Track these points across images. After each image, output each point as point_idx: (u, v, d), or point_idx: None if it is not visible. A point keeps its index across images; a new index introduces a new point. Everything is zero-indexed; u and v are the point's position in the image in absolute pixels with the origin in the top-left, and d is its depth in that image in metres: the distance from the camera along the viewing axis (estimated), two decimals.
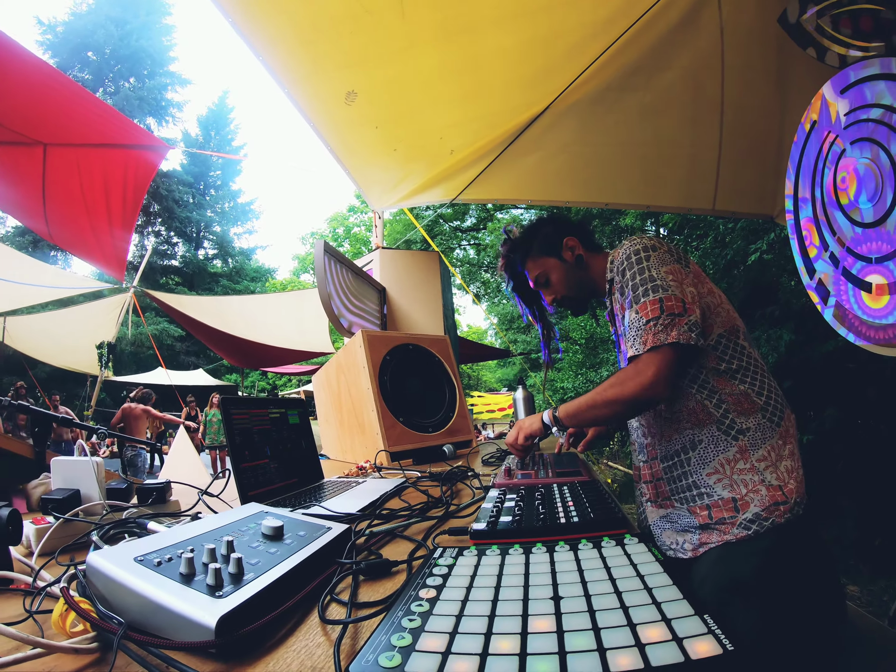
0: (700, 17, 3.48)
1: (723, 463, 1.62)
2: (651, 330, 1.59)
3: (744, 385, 1.65)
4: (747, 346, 1.72)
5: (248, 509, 1.11)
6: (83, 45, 33.74)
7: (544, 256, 2.13)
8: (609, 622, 0.61)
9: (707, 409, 1.67)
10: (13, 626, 0.66)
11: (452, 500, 1.55)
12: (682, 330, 1.57)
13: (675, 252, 1.75)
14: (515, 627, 0.62)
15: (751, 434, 1.61)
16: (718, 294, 1.77)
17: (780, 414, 1.64)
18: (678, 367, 1.62)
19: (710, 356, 1.68)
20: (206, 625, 0.63)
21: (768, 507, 1.53)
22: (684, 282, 1.66)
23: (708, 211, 4.79)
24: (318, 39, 3.09)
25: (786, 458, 1.59)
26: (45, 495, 1.23)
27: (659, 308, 1.60)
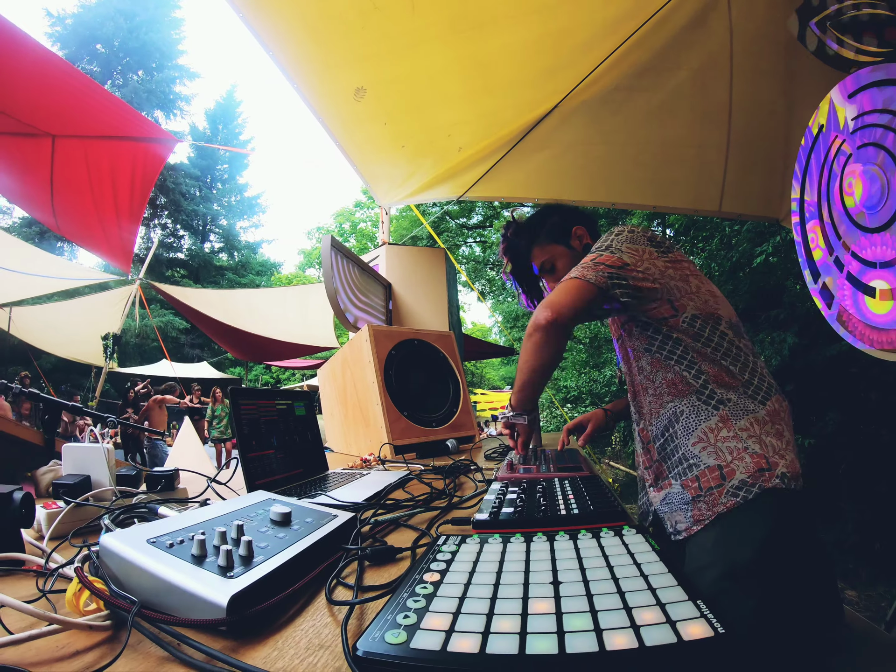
0: (709, 19, 3.49)
1: (706, 431, 1.64)
2: (573, 272, 1.69)
3: (725, 361, 1.67)
4: (730, 334, 1.72)
5: (256, 496, 1.13)
6: (92, 38, 33.79)
7: (552, 244, 2.18)
8: (606, 605, 0.63)
9: (686, 379, 1.70)
10: (30, 604, 0.68)
11: (455, 493, 1.57)
12: (599, 274, 1.64)
13: (656, 240, 1.80)
14: (516, 609, 0.64)
15: (731, 405, 1.63)
16: (697, 285, 1.77)
17: (764, 395, 1.65)
18: (584, 298, 1.64)
19: (687, 332, 1.70)
20: (218, 603, 0.65)
21: (753, 474, 1.53)
22: (646, 259, 1.71)
23: (714, 213, 4.79)
24: (328, 35, 3.11)
25: (771, 436, 1.59)
26: (56, 480, 1.25)
27: (593, 258, 1.70)
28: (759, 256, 7.20)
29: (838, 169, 2.82)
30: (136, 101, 33.89)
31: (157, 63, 36.54)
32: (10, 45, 4.17)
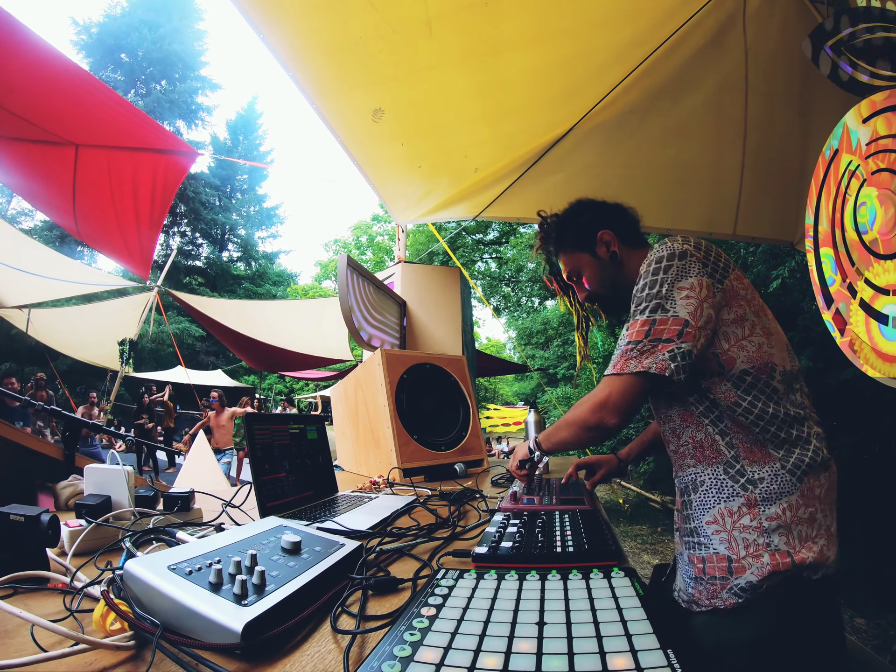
0: (725, 41, 3.50)
1: (724, 513, 1.45)
2: (626, 354, 1.47)
3: (765, 435, 1.44)
4: (782, 389, 1.48)
5: (268, 523, 1.18)
6: (116, 47, 34.23)
7: (577, 252, 1.96)
8: (583, 648, 0.68)
9: (717, 445, 1.49)
10: (57, 623, 0.75)
11: (459, 521, 1.61)
12: (659, 358, 1.41)
13: (710, 263, 1.52)
14: (501, 647, 0.69)
15: (764, 486, 1.41)
16: (752, 323, 1.52)
17: (807, 469, 1.42)
18: (638, 396, 1.47)
19: (731, 393, 1.47)
20: (233, 629, 0.72)
21: (765, 578, 1.36)
22: (704, 301, 1.45)
23: (728, 236, 4.79)
24: (347, 57, 3.15)
25: (803, 523, 1.38)
26: (78, 501, 1.31)
27: (646, 332, 1.45)
28: (774, 281, 7.17)
29: (852, 194, 2.82)
30: (159, 110, 34.28)
31: (180, 73, 36.95)
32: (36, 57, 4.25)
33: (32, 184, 6.15)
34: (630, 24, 3.27)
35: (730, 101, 3.85)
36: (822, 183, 3.10)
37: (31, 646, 0.74)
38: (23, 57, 4.20)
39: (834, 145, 2.97)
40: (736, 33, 3.46)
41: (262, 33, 2.92)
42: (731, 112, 3.91)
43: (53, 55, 4.30)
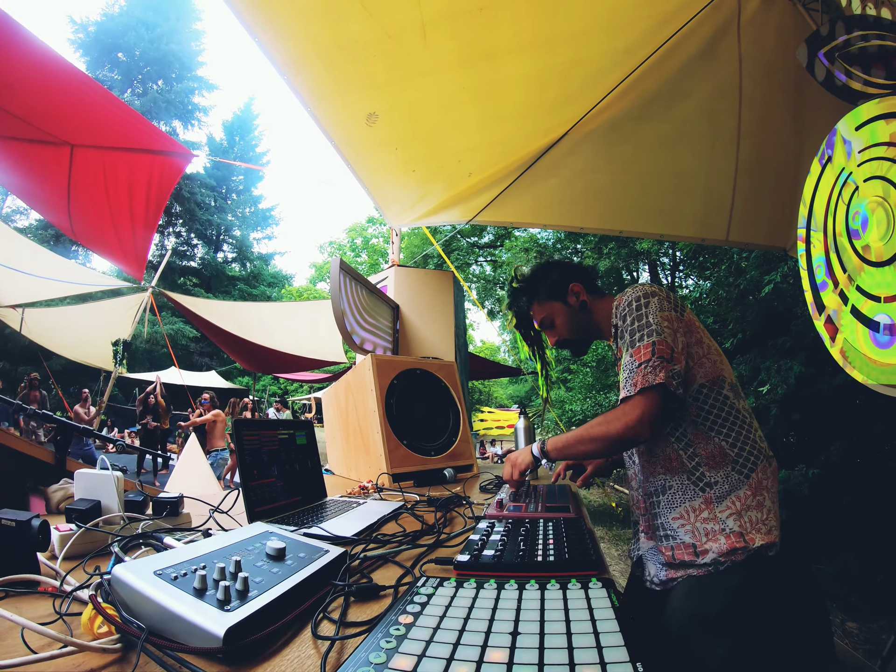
0: (719, 48, 3.53)
1: (688, 510, 1.73)
2: (641, 372, 1.67)
3: (719, 437, 1.73)
4: (731, 395, 1.78)
5: (254, 528, 1.21)
6: (114, 46, 34.15)
7: (550, 301, 2.21)
8: (554, 660, 0.70)
9: (681, 458, 1.76)
10: (47, 626, 0.78)
11: (445, 528, 1.63)
12: (668, 374, 1.64)
13: (672, 300, 1.84)
14: (473, 656, 0.71)
15: (717, 486, 1.70)
16: (707, 344, 1.84)
17: (751, 465, 1.70)
18: (661, 408, 1.66)
19: (692, 407, 1.76)
20: (215, 634, 0.74)
21: (726, 553, 1.61)
22: (678, 330, 1.76)
23: (721, 242, 4.82)
24: (342, 62, 3.16)
25: (753, 509, 1.66)
26: (69, 505, 1.33)
27: (651, 351, 1.69)
28: (767, 286, 7.19)
29: (845, 201, 2.83)
30: (155, 110, 34.21)
31: (176, 73, 36.86)
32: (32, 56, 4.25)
33: (27, 183, 6.14)
34: (625, 31, 3.29)
35: (723, 108, 3.88)
36: (815, 190, 3.11)
37: (22, 647, 0.76)
38: (19, 56, 4.20)
39: (827, 152, 2.98)
40: (730, 41, 3.48)
41: (257, 37, 2.93)
42: (725, 119, 3.94)
43: (50, 55, 4.30)
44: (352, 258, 35.23)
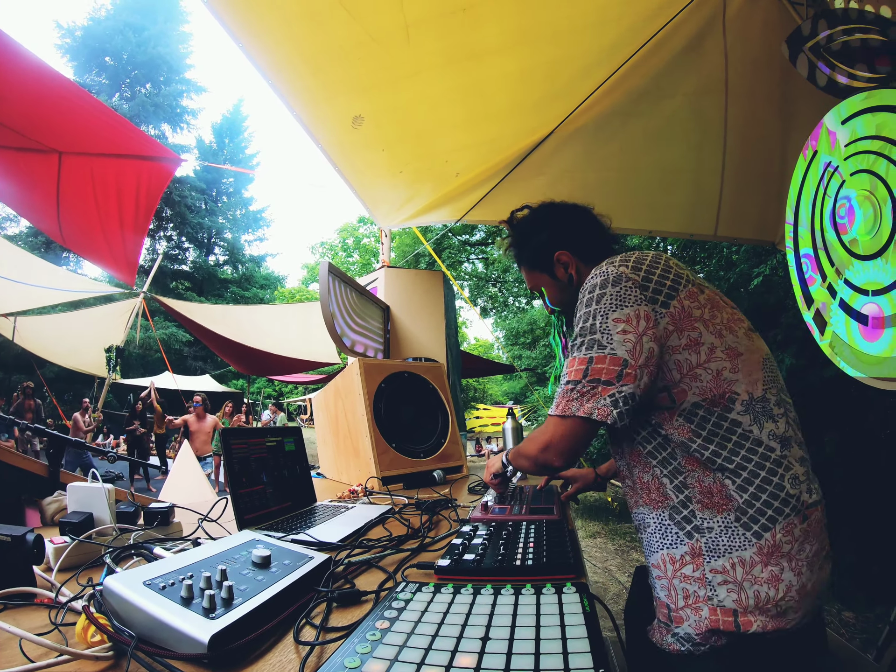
0: (705, 44, 3.53)
1: (665, 560, 1.37)
2: (567, 395, 1.36)
3: (722, 473, 1.31)
4: (746, 420, 1.32)
5: (241, 537, 1.24)
6: (101, 50, 34.05)
7: (536, 271, 1.91)
8: (520, 665, 0.73)
9: (663, 489, 1.39)
10: (43, 636, 0.82)
11: (430, 531, 1.67)
12: (600, 403, 1.30)
13: (651, 285, 1.40)
14: (443, 661, 0.74)
15: (712, 536, 1.29)
16: (710, 346, 1.36)
17: (765, 521, 1.26)
18: (582, 440, 1.37)
19: (684, 428, 1.35)
20: (200, 640, 0.78)
21: (703, 634, 1.26)
22: (644, 334, 1.33)
23: (710, 237, 4.82)
24: (326, 65, 3.15)
25: (761, 583, 1.24)
26: (62, 519, 1.37)
27: (583, 371, 1.34)
28: (756, 278, 7.21)
29: (831, 195, 2.84)
30: (144, 114, 34.13)
31: (164, 77, 36.78)
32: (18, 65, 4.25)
33: (17, 191, 6.13)
34: (610, 29, 3.30)
35: (710, 104, 3.89)
36: (802, 184, 3.12)
37: (20, 657, 0.80)
38: (5, 66, 4.19)
39: (813, 146, 2.98)
40: (716, 36, 3.49)
41: (241, 43, 2.92)
42: (712, 114, 3.94)
43: (36, 64, 4.30)
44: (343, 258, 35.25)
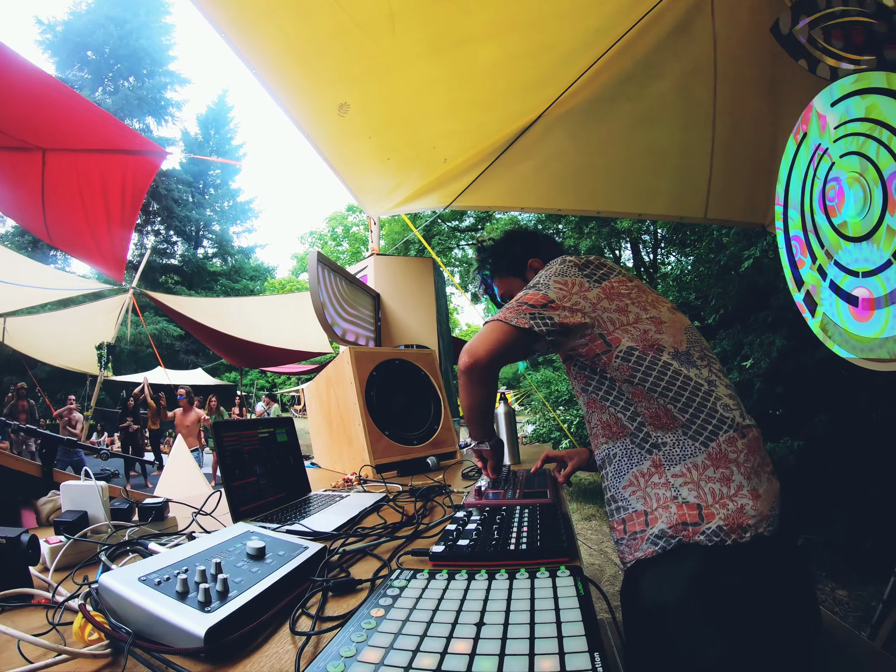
0: (693, 26, 3.51)
1: (637, 475, 1.56)
2: (497, 314, 1.66)
3: (664, 399, 1.54)
4: (675, 364, 1.58)
5: (235, 529, 1.25)
6: (83, 45, 33.70)
7: (510, 277, 2.21)
8: (515, 650, 0.73)
9: (621, 421, 1.62)
10: (41, 636, 0.83)
11: (425, 518, 1.67)
12: (521, 316, 1.60)
13: (589, 268, 1.75)
14: (438, 647, 0.74)
15: (667, 449, 1.52)
16: (636, 314, 1.66)
17: (709, 433, 1.49)
18: (502, 342, 1.62)
19: (622, 367, 1.60)
20: (196, 634, 0.78)
21: (674, 526, 1.42)
22: (575, 292, 1.67)
23: (700, 220, 4.82)
24: (311, 54, 3.13)
25: (715, 481, 1.44)
26: (57, 518, 1.38)
27: (517, 299, 1.68)
28: (746, 260, 7.23)
29: (821, 177, 2.84)
30: (127, 108, 33.87)
31: (147, 69, 36.44)
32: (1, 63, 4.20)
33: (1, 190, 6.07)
34: (597, 12, 3.27)
35: (698, 86, 3.87)
36: (791, 166, 3.12)
37: (19, 658, 0.81)
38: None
39: (803, 129, 2.98)
40: (704, 19, 3.47)
41: (223, 32, 2.90)
42: (700, 97, 3.93)
43: (17, 61, 4.25)
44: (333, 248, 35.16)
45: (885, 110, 2.38)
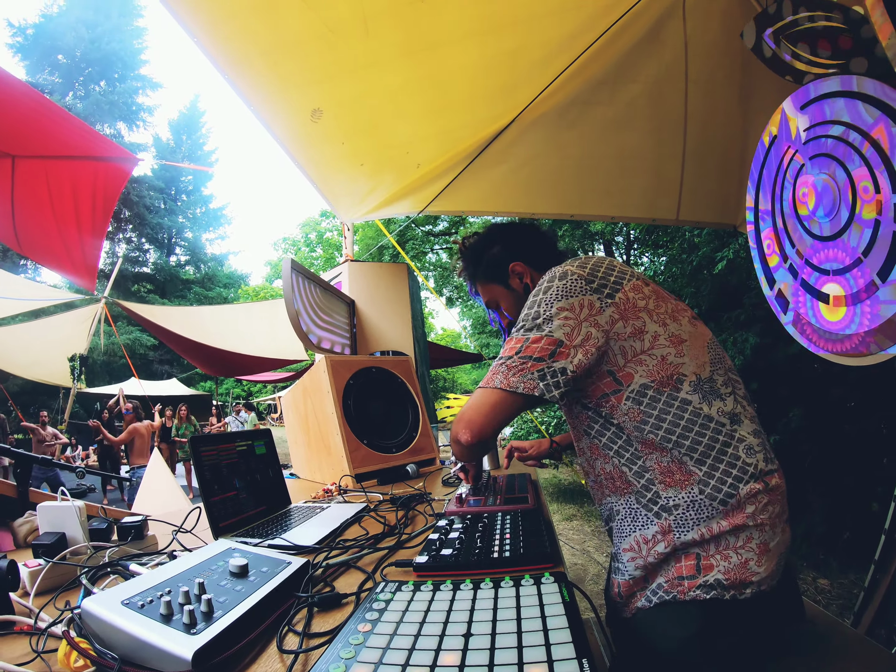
0: (664, 31, 3.54)
1: (639, 541, 1.39)
2: (494, 369, 1.45)
3: (679, 450, 1.35)
4: (695, 399, 1.38)
5: (217, 547, 1.23)
6: (53, 48, 33.32)
7: (491, 283, 1.98)
8: (503, 660, 0.73)
9: (625, 476, 1.44)
10: (24, 666, 0.84)
11: (407, 528, 1.67)
12: (526, 378, 1.37)
13: (597, 279, 1.48)
14: (427, 660, 0.75)
15: (679, 513, 1.34)
16: (654, 334, 1.43)
17: (731, 490, 1.31)
18: (500, 413, 1.42)
19: (634, 411, 1.40)
20: (184, 658, 0.77)
21: (671, 581, 1.33)
22: (584, 318, 1.41)
23: (672, 221, 4.86)
24: (283, 58, 3.12)
25: (725, 536, 1.30)
26: (34, 541, 1.36)
27: (517, 349, 1.42)
28: (720, 262, 7.29)
29: (791, 179, 2.86)
30: (98, 112, 33.52)
31: (119, 73, 36.12)
32: None
33: None
34: (569, 17, 3.29)
35: (670, 90, 3.90)
36: (762, 168, 3.15)
37: None
38: None
39: (773, 131, 3.01)
40: (676, 24, 3.50)
41: (196, 37, 2.88)
42: (672, 101, 3.96)
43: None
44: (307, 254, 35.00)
45: (853, 113, 2.41)
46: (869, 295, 2.39)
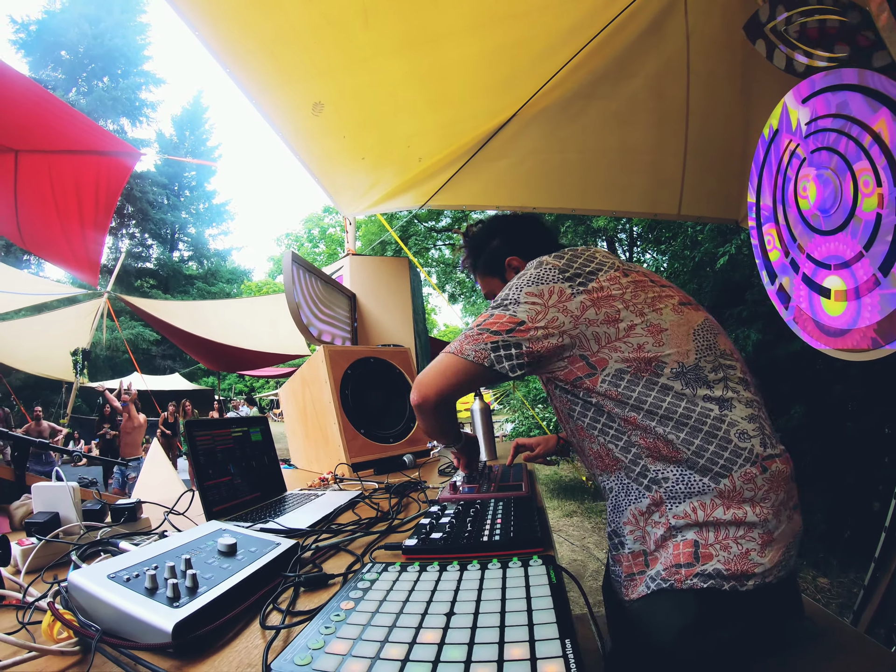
0: (666, 25, 3.54)
1: (635, 514, 1.39)
2: (457, 338, 1.48)
3: (663, 428, 1.33)
4: (677, 386, 1.35)
5: (208, 527, 1.23)
6: (56, 44, 33.24)
7: (489, 276, 2.02)
8: (484, 638, 0.73)
9: (612, 453, 1.43)
10: (11, 636, 0.82)
11: (400, 514, 1.67)
12: (479, 346, 1.41)
13: (572, 268, 1.47)
14: (407, 637, 0.74)
15: (669, 486, 1.33)
16: (630, 324, 1.39)
17: (722, 471, 1.28)
18: (454, 379, 1.45)
19: (612, 391, 1.37)
20: (164, 629, 0.78)
21: (668, 568, 1.29)
22: (552, 304, 1.41)
23: (674, 216, 4.86)
24: (284, 52, 3.12)
25: (724, 526, 1.26)
26: (28, 519, 1.37)
27: (480, 322, 1.46)
28: (721, 258, 7.28)
29: (793, 172, 2.86)
30: (102, 108, 33.46)
31: (122, 69, 36.03)
32: None
33: None
34: (571, 10, 3.29)
35: (672, 84, 3.90)
36: (763, 162, 3.15)
37: None
38: None
39: (774, 125, 3.00)
40: (677, 17, 3.50)
41: (197, 31, 2.89)
42: (674, 95, 3.96)
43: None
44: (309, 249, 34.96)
45: (855, 106, 2.41)
46: (870, 289, 2.39)
